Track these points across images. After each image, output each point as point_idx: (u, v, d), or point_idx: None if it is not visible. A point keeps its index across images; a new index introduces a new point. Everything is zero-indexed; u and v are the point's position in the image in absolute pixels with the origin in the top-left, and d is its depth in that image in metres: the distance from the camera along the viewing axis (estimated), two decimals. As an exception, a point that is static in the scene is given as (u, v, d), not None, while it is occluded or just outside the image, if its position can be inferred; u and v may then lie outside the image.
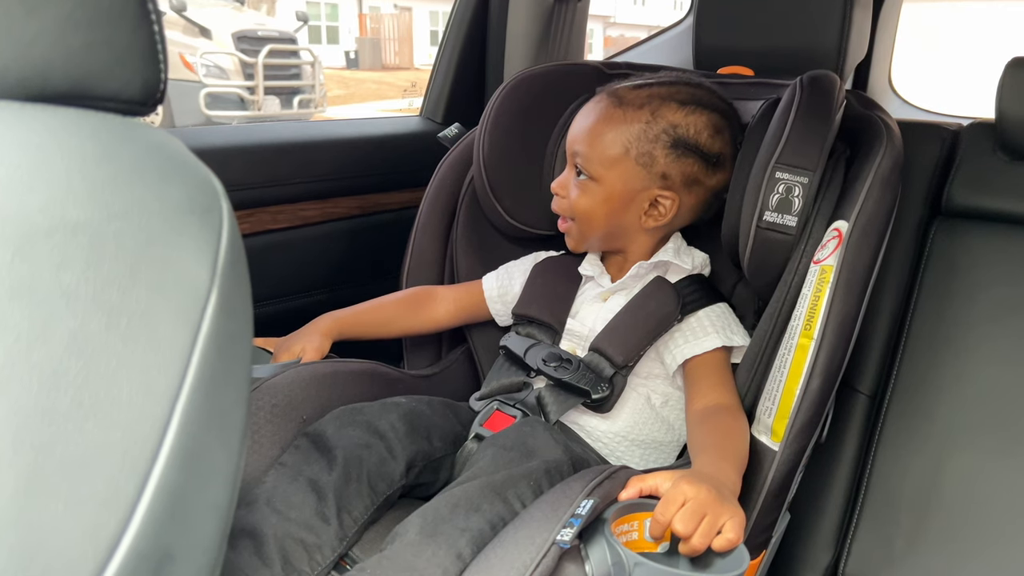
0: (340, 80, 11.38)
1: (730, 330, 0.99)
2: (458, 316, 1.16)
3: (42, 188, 0.35)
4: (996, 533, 1.05)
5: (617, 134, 0.99)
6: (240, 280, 0.42)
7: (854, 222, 0.89)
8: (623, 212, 1.01)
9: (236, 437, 0.42)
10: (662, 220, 1.01)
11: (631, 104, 1.00)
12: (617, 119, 0.99)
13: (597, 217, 1.01)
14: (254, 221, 1.27)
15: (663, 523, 0.70)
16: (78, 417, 0.32)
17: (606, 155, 0.99)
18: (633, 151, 0.98)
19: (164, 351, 0.36)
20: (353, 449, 0.85)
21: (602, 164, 0.99)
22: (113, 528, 0.32)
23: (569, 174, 1.03)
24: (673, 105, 1.00)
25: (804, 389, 0.87)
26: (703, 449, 0.85)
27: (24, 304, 0.32)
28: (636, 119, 0.99)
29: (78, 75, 0.41)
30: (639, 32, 13.02)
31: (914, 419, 1.13)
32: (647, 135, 0.98)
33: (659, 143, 0.98)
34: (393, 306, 1.13)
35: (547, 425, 0.94)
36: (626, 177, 0.99)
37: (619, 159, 0.99)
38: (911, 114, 1.70)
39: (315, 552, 0.77)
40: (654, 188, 1.00)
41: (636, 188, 1.00)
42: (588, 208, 1.01)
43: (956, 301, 1.16)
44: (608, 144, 0.99)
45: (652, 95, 1.01)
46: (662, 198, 1.00)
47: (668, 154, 0.99)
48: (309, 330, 1.05)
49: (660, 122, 0.99)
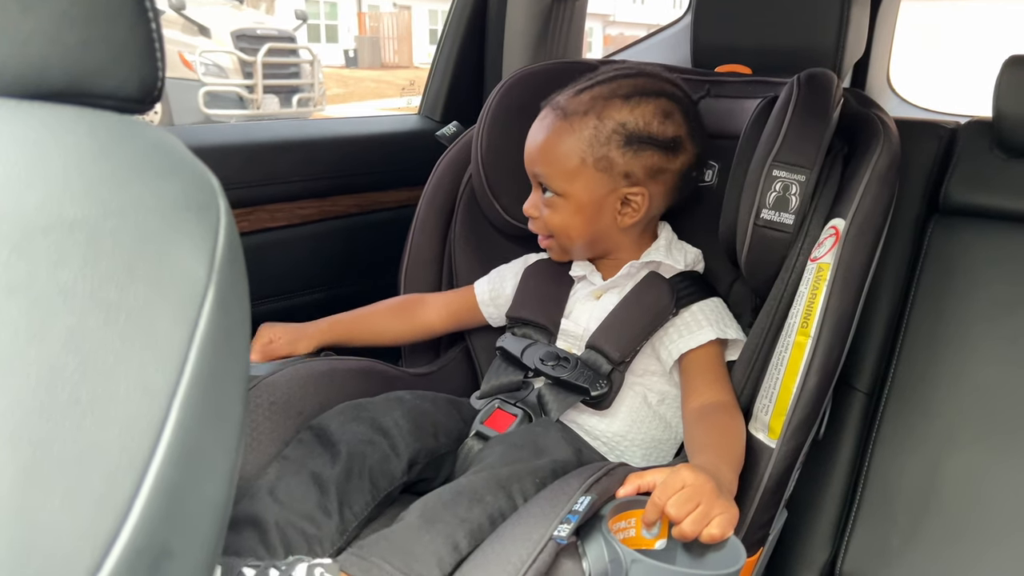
0: (339, 79, 11.37)
1: (724, 323, 0.99)
2: (450, 321, 1.16)
3: (39, 185, 0.35)
4: (993, 531, 1.05)
5: (569, 146, 0.97)
6: (237, 277, 0.42)
7: (851, 220, 0.89)
8: (597, 219, 1.00)
9: (233, 434, 0.42)
10: (637, 215, 1.00)
11: (575, 113, 0.98)
12: (565, 131, 0.98)
13: (574, 229, 1.01)
14: (252, 219, 1.27)
15: (659, 505, 0.71)
16: (75, 414, 0.32)
17: (565, 169, 0.98)
18: (589, 159, 0.97)
19: (161, 348, 0.36)
20: (356, 445, 0.85)
21: (563, 179, 0.98)
22: (110, 524, 0.33)
23: (536, 194, 1.03)
24: (617, 102, 0.98)
25: (801, 387, 0.87)
26: (701, 449, 0.85)
27: (21, 301, 0.32)
28: (583, 126, 0.97)
29: (75, 72, 0.41)
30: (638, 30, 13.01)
31: (911, 417, 1.13)
32: (598, 139, 0.97)
33: (612, 144, 0.97)
34: (385, 315, 1.14)
35: (559, 426, 0.95)
36: (591, 186, 0.98)
37: (578, 170, 0.98)
38: (909, 112, 1.70)
39: (315, 544, 0.78)
40: (621, 188, 0.99)
41: (602, 194, 0.99)
42: (562, 223, 1.01)
43: (953, 298, 1.16)
44: (563, 158, 0.98)
45: (594, 97, 0.99)
46: (631, 195, 0.99)
47: (624, 152, 0.97)
48: (299, 331, 1.05)
49: (608, 123, 0.97)
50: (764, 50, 1.16)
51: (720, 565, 0.70)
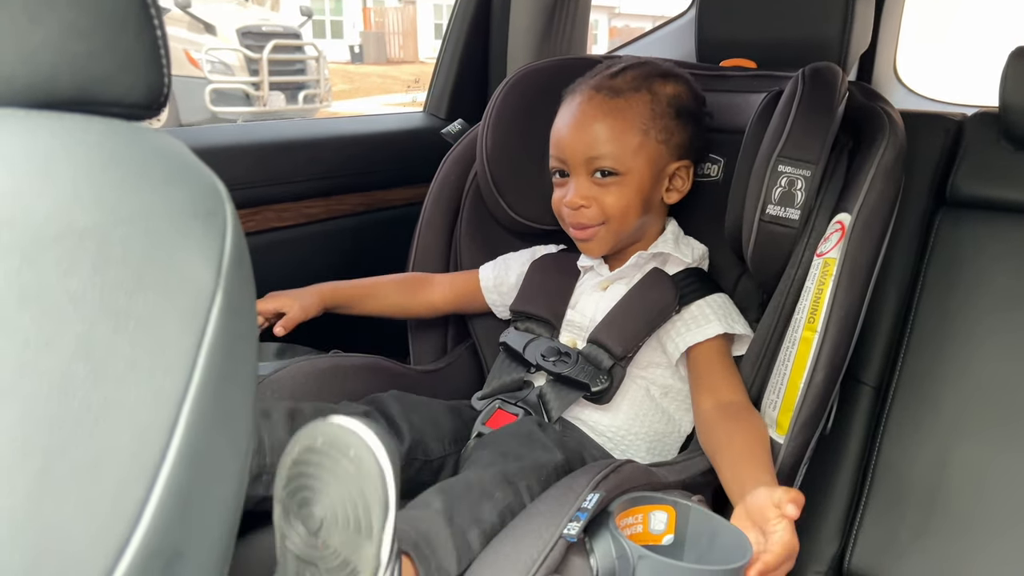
0: (345, 75, 11.37)
1: (731, 318, 0.99)
2: (454, 302, 1.16)
3: (49, 194, 0.35)
4: (1002, 525, 1.05)
5: (631, 121, 0.99)
6: (245, 282, 0.42)
7: (857, 215, 0.89)
8: (653, 196, 1.02)
9: (243, 436, 0.43)
10: (683, 192, 1.04)
11: (627, 89, 1.00)
12: (622, 107, 0.99)
13: (633, 209, 1.00)
14: (259, 219, 1.28)
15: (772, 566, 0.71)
16: (87, 420, 0.33)
17: (630, 145, 0.98)
18: (652, 131, 0.99)
19: (170, 353, 0.36)
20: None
21: (629, 155, 0.98)
22: (123, 528, 0.33)
23: (582, 181, 0.99)
24: (658, 80, 1.02)
25: (808, 382, 0.87)
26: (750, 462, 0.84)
27: (33, 310, 0.33)
28: (639, 101, 0.99)
29: (83, 81, 0.41)
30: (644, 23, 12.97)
31: (919, 411, 1.13)
32: (656, 112, 0.99)
33: (667, 116, 1.00)
34: (390, 285, 1.15)
35: (547, 426, 0.95)
36: (653, 158, 1.00)
37: (642, 144, 0.99)
38: (917, 103, 1.69)
39: None
40: (672, 161, 1.01)
41: (660, 166, 1.01)
42: (623, 204, 0.99)
43: (961, 291, 1.16)
44: (626, 133, 0.98)
45: (636, 76, 1.02)
46: (680, 168, 1.02)
47: (677, 124, 1.01)
48: (304, 291, 1.06)
49: (660, 95, 1.00)
50: (769, 44, 1.16)
51: (728, 560, 0.71)
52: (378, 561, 0.60)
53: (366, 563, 0.60)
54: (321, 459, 0.60)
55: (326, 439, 0.60)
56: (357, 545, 0.60)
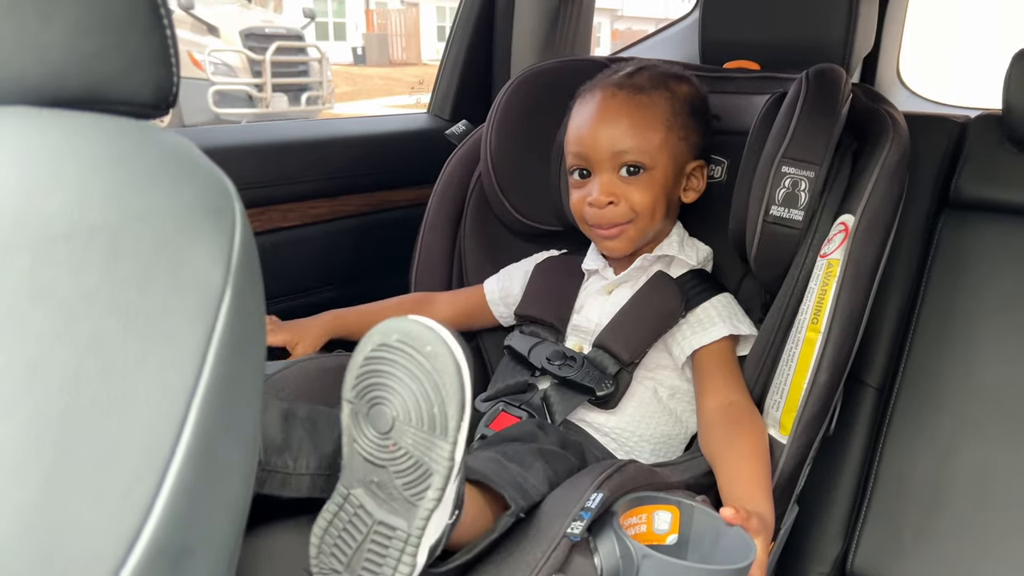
0: (347, 76, 11.38)
1: (736, 319, 0.99)
2: (458, 319, 1.15)
3: (60, 192, 0.36)
4: (1005, 526, 1.05)
5: (655, 116, 0.99)
6: (253, 279, 0.42)
7: (860, 216, 0.89)
8: (673, 195, 1.02)
9: (250, 434, 0.43)
10: (699, 192, 1.04)
11: (648, 87, 1.01)
12: (645, 103, 0.99)
13: (659, 205, 1.00)
14: (265, 219, 1.28)
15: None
16: (98, 416, 0.33)
17: (654, 141, 0.98)
18: (674, 127, 1.00)
19: (180, 350, 0.37)
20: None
21: (655, 150, 0.98)
22: (133, 524, 0.33)
23: (608, 177, 0.98)
24: (673, 79, 1.03)
25: (811, 382, 0.87)
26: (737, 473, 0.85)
27: (44, 307, 0.33)
28: (660, 98, 1.00)
29: (92, 80, 0.41)
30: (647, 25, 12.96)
31: (922, 412, 1.13)
32: (675, 109, 1.00)
33: (685, 114, 1.01)
34: (392, 308, 1.14)
35: (550, 427, 0.95)
36: (675, 154, 1.00)
37: (665, 140, 0.99)
38: (920, 106, 1.69)
39: None
40: (691, 160, 1.02)
41: (681, 163, 1.01)
42: (650, 200, 0.99)
43: (964, 293, 1.16)
44: (651, 128, 0.98)
45: (653, 76, 1.02)
46: (696, 168, 1.03)
47: (694, 122, 1.02)
48: (309, 323, 1.06)
49: (678, 95, 1.01)
50: (772, 45, 1.16)
51: (731, 560, 0.71)
52: (452, 461, 0.58)
53: (440, 463, 0.58)
54: (395, 355, 0.58)
55: (401, 335, 0.58)
56: (430, 445, 0.58)
